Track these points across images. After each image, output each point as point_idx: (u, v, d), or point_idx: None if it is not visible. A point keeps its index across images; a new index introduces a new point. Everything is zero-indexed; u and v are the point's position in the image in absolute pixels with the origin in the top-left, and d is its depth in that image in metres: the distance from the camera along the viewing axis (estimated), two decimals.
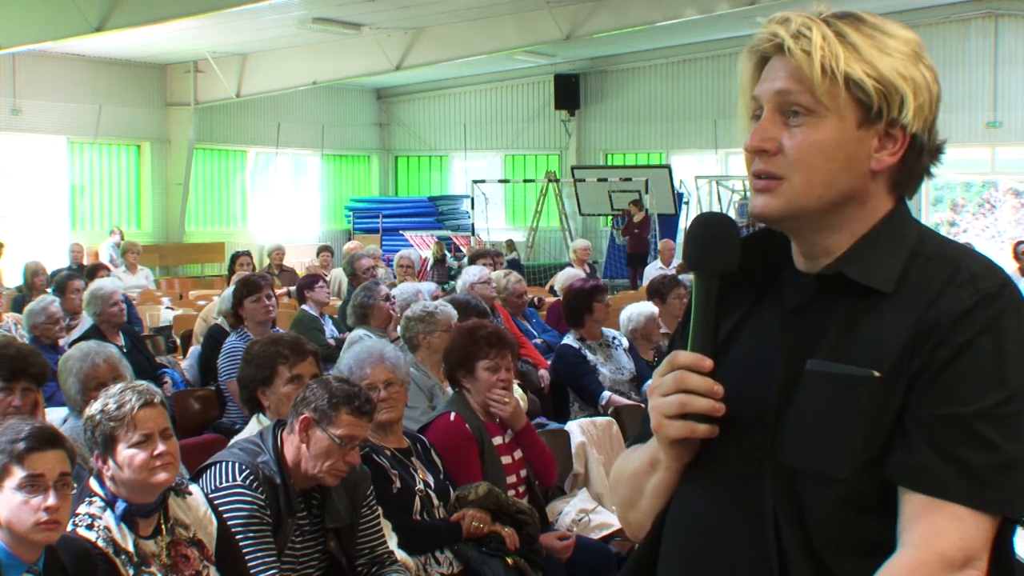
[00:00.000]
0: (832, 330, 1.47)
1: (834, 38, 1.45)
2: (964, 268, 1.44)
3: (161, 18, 14.09)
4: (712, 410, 1.48)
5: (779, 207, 1.49)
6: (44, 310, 7.02)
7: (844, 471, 1.42)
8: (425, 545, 4.04)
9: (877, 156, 1.48)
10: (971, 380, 1.39)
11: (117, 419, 3.05)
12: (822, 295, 1.50)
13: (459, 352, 4.61)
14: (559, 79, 22.91)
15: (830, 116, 1.46)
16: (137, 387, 3.14)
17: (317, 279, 8.32)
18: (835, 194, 1.48)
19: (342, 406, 3.50)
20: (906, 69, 1.46)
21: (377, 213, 22.34)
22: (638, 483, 1.63)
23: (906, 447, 1.41)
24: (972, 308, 1.40)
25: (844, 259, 1.49)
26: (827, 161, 1.47)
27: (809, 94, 1.46)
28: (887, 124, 1.47)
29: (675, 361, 1.50)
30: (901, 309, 1.44)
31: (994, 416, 1.38)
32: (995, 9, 19.77)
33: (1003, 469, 1.38)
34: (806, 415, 1.45)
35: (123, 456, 3.03)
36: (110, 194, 20.05)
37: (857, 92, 1.45)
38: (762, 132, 1.49)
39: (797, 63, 1.45)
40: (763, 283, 1.58)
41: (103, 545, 2.97)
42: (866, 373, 1.42)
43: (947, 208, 21.31)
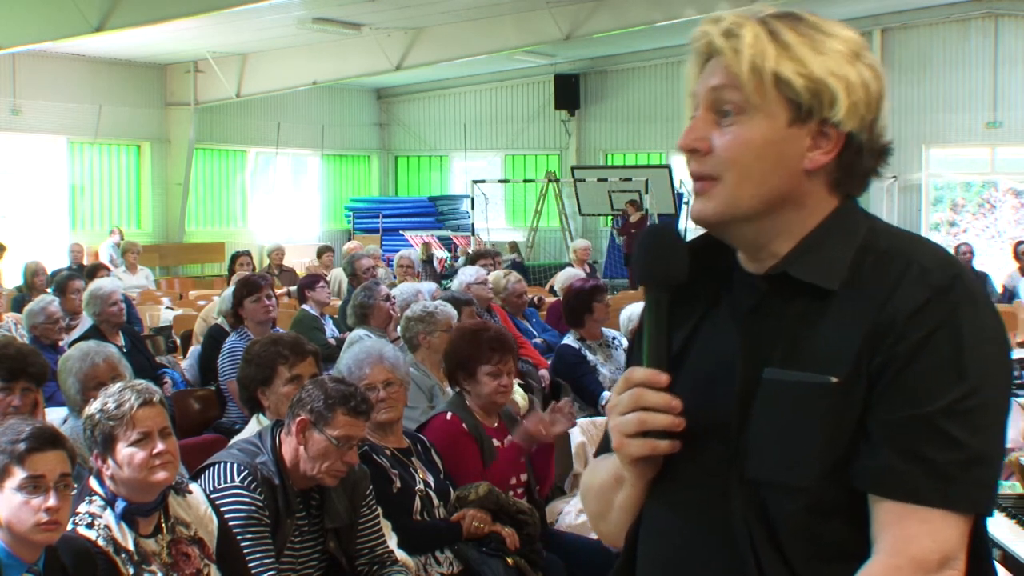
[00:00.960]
0: (787, 335, 1.45)
1: (766, 36, 1.43)
2: (915, 263, 1.42)
3: (161, 18, 14.08)
4: (672, 426, 1.46)
5: (715, 209, 1.48)
6: (43, 310, 7.02)
7: (808, 480, 1.40)
8: (425, 545, 4.04)
9: (810, 155, 1.45)
10: (931, 378, 1.37)
11: (116, 418, 3.05)
12: (774, 298, 1.48)
13: (460, 354, 4.57)
14: (559, 79, 22.91)
15: (759, 115, 1.44)
16: (136, 386, 3.14)
17: (318, 279, 8.33)
18: (767, 193, 1.46)
19: (338, 407, 3.49)
20: (839, 68, 1.43)
21: (377, 213, 22.33)
22: (606, 497, 1.61)
23: (870, 452, 1.39)
24: (925, 304, 1.38)
25: (789, 259, 1.47)
26: (757, 160, 1.45)
27: (738, 92, 1.44)
28: (820, 123, 1.44)
29: (631, 378, 1.48)
30: (854, 309, 1.42)
31: (956, 412, 1.36)
32: (995, 9, 19.76)
33: (969, 465, 1.36)
34: (767, 425, 1.43)
35: (122, 455, 3.03)
36: (110, 194, 20.05)
37: (786, 90, 1.43)
38: (694, 131, 1.48)
39: (727, 61, 1.44)
40: (715, 286, 1.56)
41: (103, 544, 2.97)
42: (823, 380, 1.40)
43: (947, 208, 21.29)
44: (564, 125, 23.60)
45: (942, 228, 20.90)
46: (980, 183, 21.15)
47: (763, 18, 1.46)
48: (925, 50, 19.93)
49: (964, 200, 21.26)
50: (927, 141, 19.97)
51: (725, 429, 1.46)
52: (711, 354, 1.52)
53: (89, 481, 3.15)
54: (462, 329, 4.85)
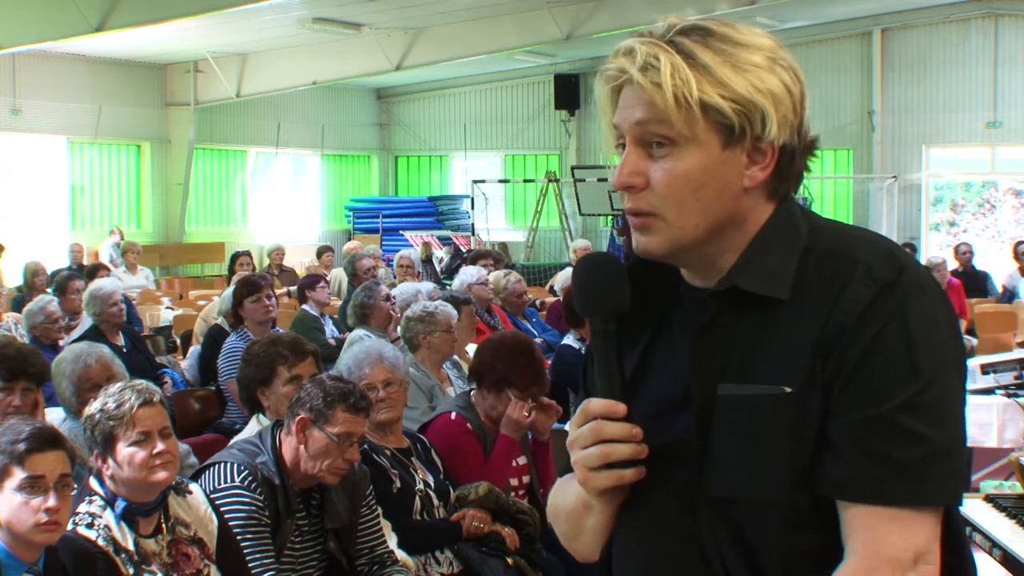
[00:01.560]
0: (739, 349, 1.43)
1: (683, 64, 1.39)
2: (859, 261, 1.40)
3: (161, 18, 14.08)
4: (635, 454, 1.44)
5: (661, 245, 1.45)
6: (42, 310, 7.02)
7: (777, 494, 1.39)
8: (425, 545, 4.04)
9: (748, 173, 1.43)
10: (885, 375, 1.36)
11: (116, 418, 3.05)
12: (723, 312, 1.46)
13: (501, 364, 4.46)
14: (559, 79, 22.90)
15: (691, 144, 1.41)
16: (136, 386, 3.14)
17: (318, 279, 8.33)
18: (712, 221, 1.44)
19: (337, 404, 3.50)
20: (762, 82, 1.40)
21: (377, 213, 22.32)
22: (577, 521, 1.60)
23: (834, 458, 1.38)
24: (872, 301, 1.37)
25: (735, 271, 1.45)
26: (696, 190, 1.42)
27: (666, 125, 1.41)
28: (753, 140, 1.42)
29: (588, 411, 1.46)
30: (803, 316, 1.40)
31: (915, 406, 1.35)
32: (995, 9, 19.74)
33: (933, 459, 1.35)
34: (727, 442, 1.42)
35: (123, 455, 3.03)
36: (110, 194, 20.04)
37: (716, 116, 1.40)
38: (628, 167, 1.44)
39: (649, 96, 1.40)
40: (662, 305, 1.54)
41: (103, 544, 2.97)
42: (777, 390, 1.39)
43: (947, 208, 21.29)
44: (564, 125, 23.59)
45: (942, 228, 20.89)
46: (980, 183, 21.14)
47: (671, 39, 1.42)
48: (925, 50, 19.92)
49: (964, 200, 21.25)
50: (927, 141, 19.96)
51: (687, 449, 1.45)
52: (666, 374, 1.50)
53: (89, 481, 3.15)
54: (513, 343, 4.63)
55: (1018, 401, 5.35)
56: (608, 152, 1.51)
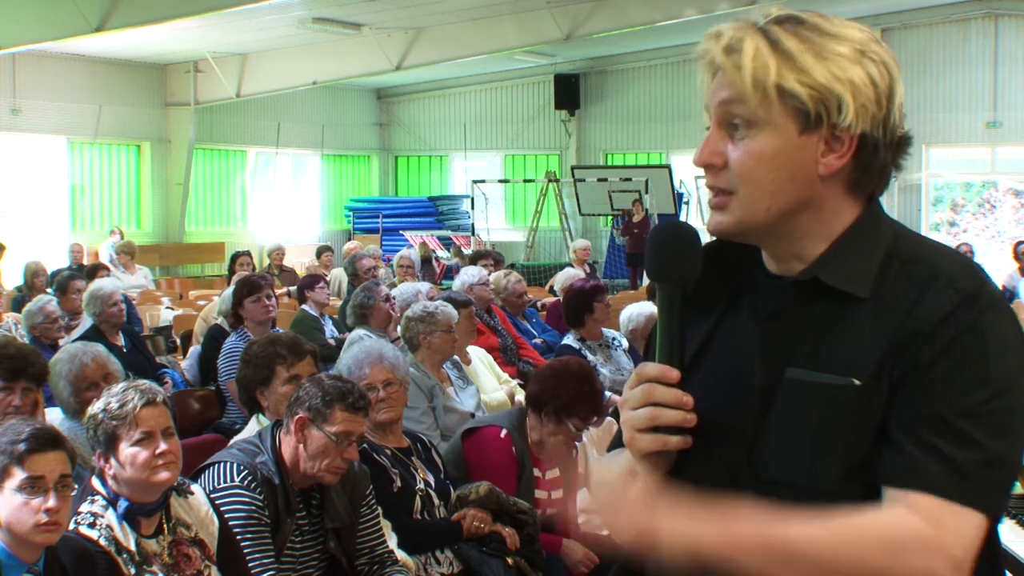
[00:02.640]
0: (810, 337, 1.46)
1: (767, 48, 1.43)
2: (942, 271, 1.43)
3: (161, 18, 14.08)
4: (682, 422, 1.46)
5: (731, 223, 1.49)
6: (42, 310, 7.02)
7: (827, 482, 1.41)
8: (425, 545, 4.04)
9: (824, 161, 1.46)
10: (955, 380, 1.38)
11: (119, 418, 3.05)
12: (799, 300, 1.48)
13: (566, 394, 4.35)
14: (559, 79, 22.91)
15: (768, 127, 1.44)
16: (139, 386, 3.14)
17: (318, 279, 8.33)
18: (784, 204, 1.47)
19: (336, 403, 3.50)
20: (842, 71, 1.43)
21: (377, 213, 22.34)
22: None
23: (893, 453, 1.39)
24: (953, 311, 1.39)
25: (819, 264, 1.48)
26: (771, 172, 1.45)
27: (745, 107, 1.45)
28: (830, 128, 1.44)
29: (642, 373, 1.49)
30: (879, 315, 1.43)
31: (978, 414, 1.37)
32: (995, 9, 19.76)
33: (987, 466, 1.37)
34: (786, 425, 1.44)
35: (125, 455, 3.03)
36: (110, 194, 20.04)
37: (792, 101, 1.43)
38: (708, 146, 1.49)
39: (730, 78, 1.45)
40: (736, 286, 1.56)
41: (105, 544, 2.97)
42: (846, 382, 1.41)
43: (947, 208, 21.29)
44: (564, 125, 23.60)
45: (942, 228, 20.89)
46: (980, 183, 21.15)
47: (763, 26, 1.45)
48: (925, 50, 19.93)
49: (964, 200, 21.25)
50: (927, 141, 19.95)
51: (741, 429, 1.47)
52: (730, 355, 1.52)
53: (91, 481, 3.15)
54: (580, 372, 4.47)
55: None
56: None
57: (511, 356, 7.31)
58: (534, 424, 4.44)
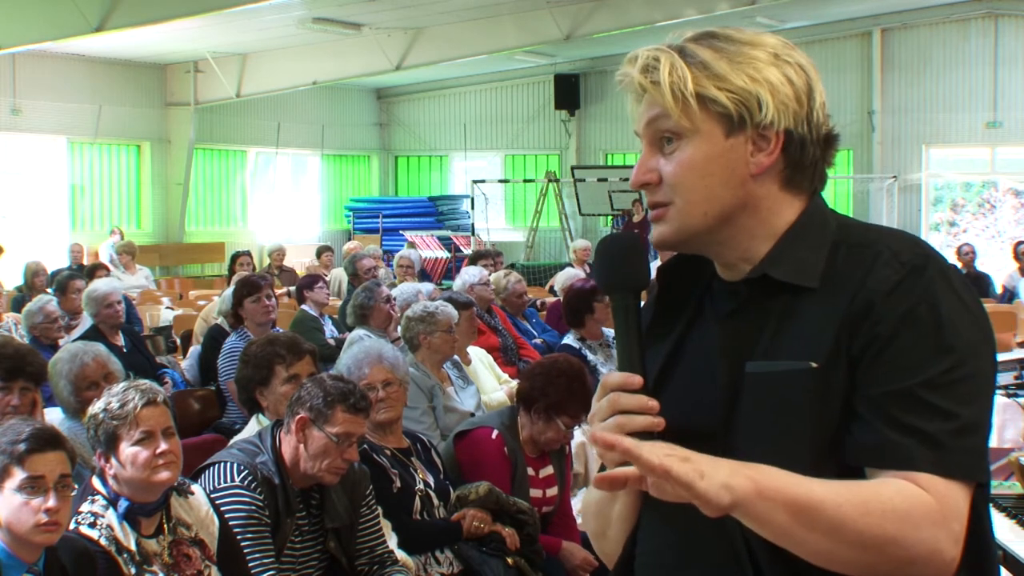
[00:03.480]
0: (766, 330, 1.49)
1: (681, 63, 1.48)
2: (885, 248, 1.47)
3: (161, 18, 14.08)
4: (650, 426, 1.46)
5: (670, 233, 1.54)
6: (41, 310, 7.02)
7: (800, 467, 1.41)
8: (425, 545, 4.04)
9: (754, 160, 1.50)
10: (914, 352, 1.41)
11: (120, 417, 3.05)
12: (752, 299, 1.52)
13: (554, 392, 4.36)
14: (559, 79, 22.90)
15: (695, 135, 1.49)
16: (140, 386, 3.14)
17: (317, 279, 8.33)
18: (720, 207, 1.51)
19: (337, 404, 3.50)
20: (758, 72, 1.48)
21: (377, 213, 22.32)
22: (604, 513, 1.64)
23: (862, 428, 1.42)
24: (901, 281, 1.43)
25: (767, 261, 1.52)
26: (703, 178, 1.50)
27: (670, 119, 1.50)
28: (755, 128, 1.49)
29: (606, 384, 1.51)
30: (831, 297, 1.47)
31: (943, 384, 1.40)
32: (995, 9, 19.74)
33: (959, 433, 1.39)
34: (754, 417, 1.47)
35: (125, 454, 3.03)
36: (110, 194, 20.04)
37: (714, 107, 1.48)
38: (641, 166, 1.54)
39: (651, 95, 1.50)
40: (700, 296, 1.60)
41: (105, 543, 2.97)
42: (803, 365, 1.44)
43: (947, 208, 21.28)
44: (564, 125, 23.59)
45: (942, 228, 20.89)
46: (980, 183, 21.14)
47: (679, 45, 1.51)
48: (925, 50, 19.92)
49: (964, 200, 21.24)
50: (927, 141, 19.96)
51: (713, 428, 1.49)
52: (696, 360, 1.56)
53: (91, 480, 3.15)
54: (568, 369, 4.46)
55: (1018, 401, 5.35)
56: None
57: (511, 356, 7.32)
58: (524, 422, 4.45)
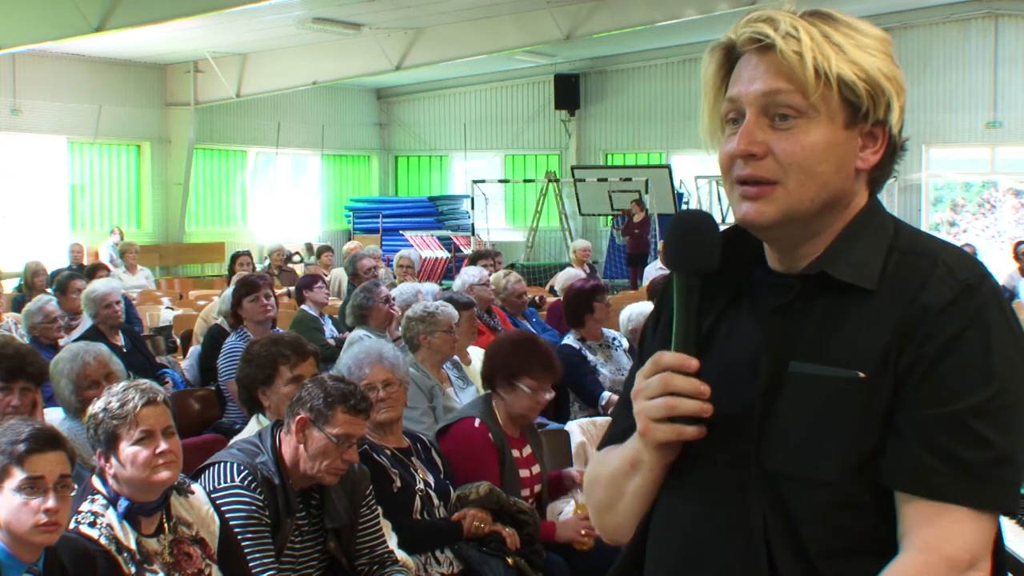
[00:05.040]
0: (813, 330, 1.45)
1: (822, 39, 1.43)
2: (941, 261, 1.43)
3: (161, 18, 14.08)
4: (700, 411, 1.45)
5: (774, 213, 1.46)
6: (41, 310, 7.01)
7: (833, 474, 1.40)
8: (425, 544, 4.03)
9: (862, 155, 1.47)
10: (961, 376, 1.38)
11: (120, 417, 3.05)
12: (806, 296, 1.48)
13: (508, 359, 4.48)
14: (559, 79, 22.91)
15: (821, 117, 1.44)
16: (140, 385, 3.14)
17: (316, 279, 8.32)
18: (828, 195, 1.46)
19: (338, 405, 3.49)
20: (889, 69, 1.46)
21: (377, 213, 22.33)
22: (618, 486, 1.60)
23: (899, 449, 1.39)
24: (954, 300, 1.39)
25: (826, 257, 1.48)
26: (821, 163, 1.44)
27: (800, 95, 1.43)
28: (872, 123, 1.46)
29: (659, 362, 1.47)
30: (881, 306, 1.43)
31: (986, 411, 1.37)
32: (995, 9, 19.75)
33: (998, 464, 1.37)
34: (791, 418, 1.44)
35: (126, 454, 3.03)
36: (110, 194, 20.04)
37: (848, 93, 1.43)
38: (749, 135, 1.45)
39: (788, 64, 1.42)
40: (738, 281, 1.56)
41: (105, 543, 2.97)
42: (851, 374, 1.41)
43: (947, 208, 21.29)
44: (564, 125, 23.59)
45: (942, 228, 20.88)
46: (980, 183, 21.14)
47: (806, 18, 1.45)
48: (925, 50, 19.92)
49: (964, 200, 21.25)
50: (927, 141, 19.95)
51: (747, 421, 1.47)
52: (733, 350, 1.52)
53: (91, 480, 3.14)
54: (517, 337, 4.72)
55: None
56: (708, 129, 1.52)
57: None
58: (498, 403, 4.49)
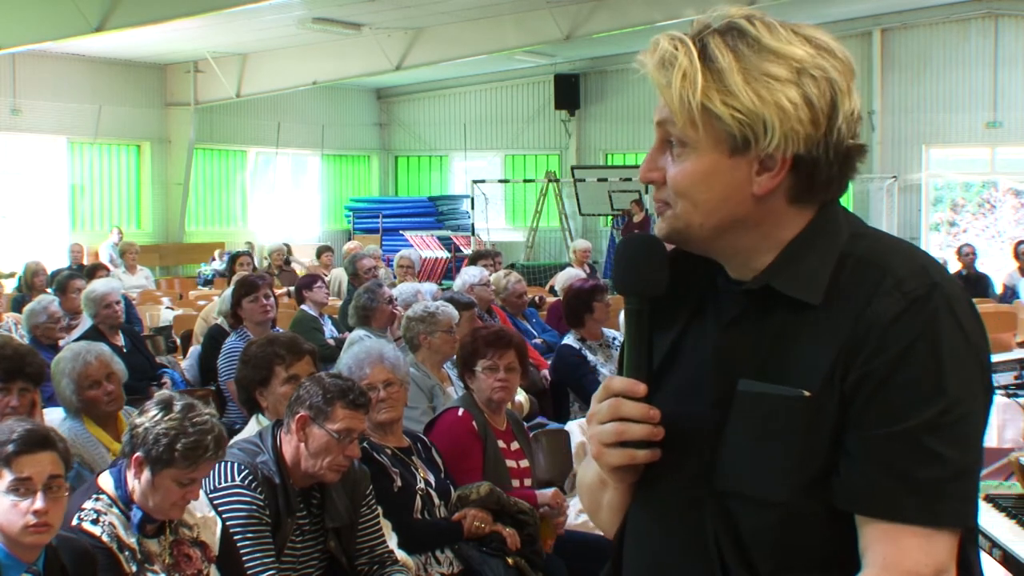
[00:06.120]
0: (763, 347, 1.43)
1: (698, 66, 1.39)
2: (890, 273, 1.39)
3: (161, 18, 14.08)
4: (649, 435, 1.45)
5: (667, 233, 1.49)
6: (44, 310, 7.02)
7: (782, 494, 1.39)
8: (426, 544, 4.04)
9: (758, 180, 1.42)
10: (911, 392, 1.35)
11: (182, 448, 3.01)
12: (753, 308, 1.46)
13: (463, 352, 4.70)
14: (559, 79, 22.90)
15: (700, 147, 1.42)
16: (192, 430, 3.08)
17: (316, 279, 8.32)
18: (718, 221, 1.44)
19: (337, 400, 3.50)
20: (770, 94, 1.38)
21: (377, 213, 22.33)
22: (595, 496, 1.63)
23: (852, 469, 1.37)
24: (900, 314, 1.36)
25: (771, 271, 1.45)
26: (702, 192, 1.43)
27: (674, 125, 1.43)
28: (759, 151, 1.40)
29: (610, 388, 1.48)
30: (828, 321, 1.40)
31: (939, 426, 1.34)
32: (995, 9, 19.74)
33: (954, 480, 1.35)
34: (740, 437, 1.43)
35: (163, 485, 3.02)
36: (110, 194, 20.04)
37: (719, 124, 1.40)
38: (648, 163, 1.49)
39: (662, 95, 1.43)
40: (702, 292, 1.54)
41: (107, 540, 2.97)
42: (796, 393, 1.39)
43: (947, 208, 21.29)
44: (564, 125, 23.59)
45: (942, 228, 20.89)
46: (980, 183, 21.14)
47: (705, 36, 1.41)
48: (925, 50, 19.91)
49: (964, 200, 21.25)
50: (927, 141, 19.95)
51: (700, 441, 1.46)
52: (692, 363, 1.51)
53: (98, 479, 3.14)
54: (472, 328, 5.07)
55: (1018, 401, 5.34)
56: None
57: None
58: (476, 392, 4.60)
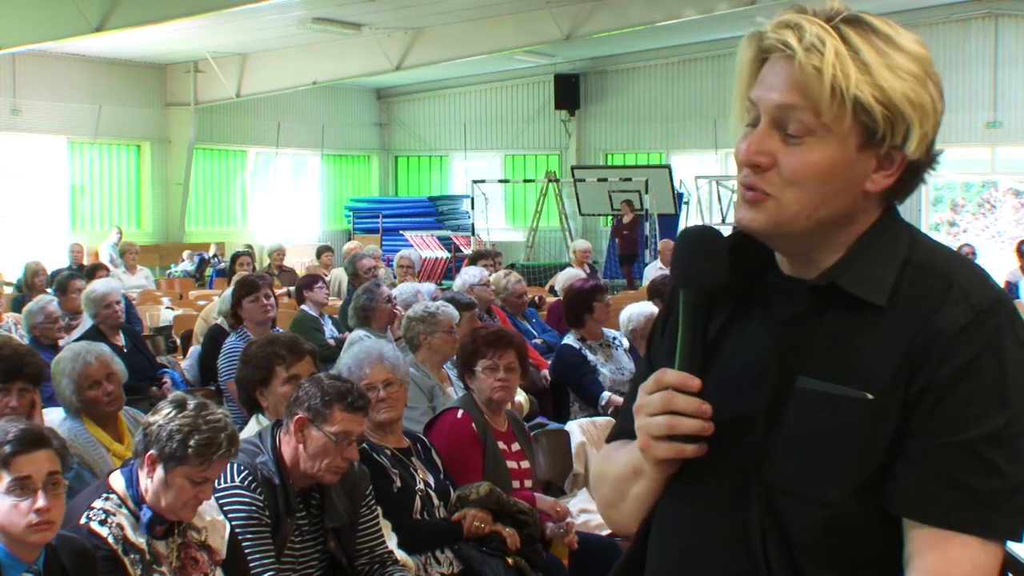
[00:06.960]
0: (823, 344, 1.42)
1: (847, 55, 1.36)
2: (956, 283, 1.39)
3: (161, 18, 14.08)
4: (701, 431, 1.43)
5: (765, 223, 1.43)
6: (43, 310, 7.01)
7: (835, 495, 1.38)
8: (425, 544, 4.03)
9: (874, 177, 1.42)
10: (975, 403, 1.35)
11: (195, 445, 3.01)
12: (816, 308, 1.44)
13: (463, 353, 4.70)
14: (559, 79, 22.90)
15: (831, 138, 1.38)
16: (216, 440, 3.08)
17: (316, 279, 8.31)
18: (825, 215, 1.42)
19: (335, 403, 3.49)
20: (915, 94, 1.38)
21: (377, 213, 22.33)
22: (621, 487, 1.59)
23: (908, 475, 1.37)
24: (968, 326, 1.36)
25: (837, 269, 1.44)
26: (823, 184, 1.40)
27: (813, 113, 1.38)
28: (889, 147, 1.40)
29: (662, 380, 1.45)
30: (894, 325, 1.39)
31: (1000, 439, 1.34)
32: (995, 9, 19.75)
33: (1009, 493, 1.35)
34: (795, 434, 1.41)
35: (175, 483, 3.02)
36: (110, 194, 20.04)
37: (863, 116, 1.37)
38: (756, 145, 1.42)
39: (806, 79, 1.37)
40: (747, 286, 1.52)
41: (112, 542, 2.97)
42: (859, 395, 1.38)
43: (947, 208, 21.29)
44: (564, 125, 23.59)
45: (942, 228, 20.89)
46: (980, 183, 21.15)
47: (838, 25, 1.38)
48: None
49: (964, 200, 21.25)
50: None
51: (750, 433, 1.44)
52: (740, 357, 1.49)
53: (108, 479, 3.13)
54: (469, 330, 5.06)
55: None
56: (735, 121, 1.47)
57: None
58: (476, 393, 4.60)
